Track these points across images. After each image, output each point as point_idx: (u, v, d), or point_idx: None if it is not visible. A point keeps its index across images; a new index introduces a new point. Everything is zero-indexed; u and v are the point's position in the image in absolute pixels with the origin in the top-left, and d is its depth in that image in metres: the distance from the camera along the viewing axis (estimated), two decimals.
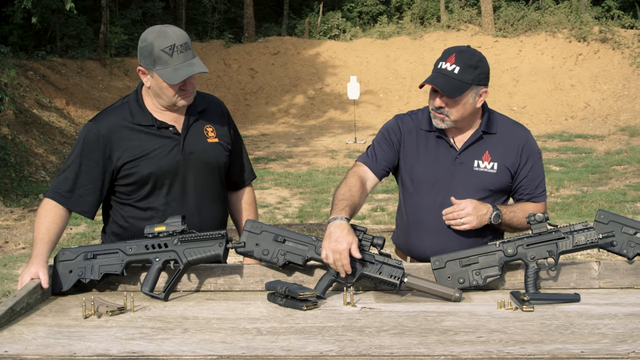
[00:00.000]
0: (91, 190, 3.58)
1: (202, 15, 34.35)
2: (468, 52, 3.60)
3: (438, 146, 3.70)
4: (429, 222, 3.69)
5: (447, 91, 3.52)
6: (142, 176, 3.59)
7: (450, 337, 2.72)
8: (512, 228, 3.67)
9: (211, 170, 3.72)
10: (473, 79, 3.54)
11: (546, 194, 3.78)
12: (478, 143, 3.67)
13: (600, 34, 27.57)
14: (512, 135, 3.71)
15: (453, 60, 3.55)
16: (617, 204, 12.50)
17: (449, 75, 3.54)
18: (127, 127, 3.60)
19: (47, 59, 24.79)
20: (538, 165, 3.72)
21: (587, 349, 2.56)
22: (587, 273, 3.40)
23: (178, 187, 3.63)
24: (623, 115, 23.64)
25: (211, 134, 3.72)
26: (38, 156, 16.33)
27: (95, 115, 3.73)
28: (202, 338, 2.75)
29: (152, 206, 3.63)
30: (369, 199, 13.59)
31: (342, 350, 2.59)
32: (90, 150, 3.58)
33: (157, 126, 3.61)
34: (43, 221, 3.48)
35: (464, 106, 3.58)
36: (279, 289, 3.16)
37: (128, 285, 3.45)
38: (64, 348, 2.65)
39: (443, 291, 3.22)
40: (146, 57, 3.49)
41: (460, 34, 29.79)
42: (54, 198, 3.55)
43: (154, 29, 3.54)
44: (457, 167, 3.65)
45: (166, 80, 3.47)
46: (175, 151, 3.61)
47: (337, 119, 26.19)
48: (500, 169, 3.65)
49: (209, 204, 3.72)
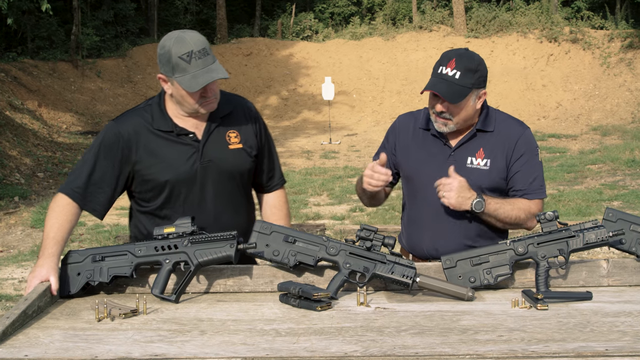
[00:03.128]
0: (104, 189, 3.53)
1: (174, 16, 34.21)
2: (467, 55, 3.61)
3: (433, 144, 3.73)
4: (425, 218, 3.73)
5: (450, 97, 3.53)
6: (158, 183, 3.55)
7: (471, 336, 2.72)
8: (499, 220, 3.64)
9: (231, 178, 3.66)
10: (474, 82, 3.56)
11: (545, 192, 3.75)
12: (472, 140, 3.69)
13: (571, 34, 27.80)
14: (509, 131, 3.71)
15: (453, 65, 3.55)
16: (594, 203, 12.61)
17: (449, 80, 3.54)
18: (147, 131, 3.55)
19: (18, 61, 24.56)
20: (534, 162, 3.70)
21: (611, 346, 2.57)
22: (596, 271, 3.42)
23: (196, 196, 3.58)
24: (594, 114, 23.87)
25: (234, 139, 3.65)
26: (12, 159, 16.15)
27: (118, 116, 3.68)
28: (222, 340, 2.72)
29: (170, 214, 3.59)
30: (347, 199, 13.65)
31: (367, 350, 2.58)
32: (108, 150, 3.53)
33: (176, 132, 3.55)
34: (56, 217, 3.43)
35: (465, 110, 3.59)
36: (292, 289, 3.15)
37: (136, 287, 3.42)
38: (84, 351, 2.62)
39: (456, 290, 3.22)
40: (165, 64, 3.43)
41: (432, 35, 29.89)
42: (67, 193, 3.49)
43: (172, 35, 3.47)
44: (450, 164, 3.63)
45: (186, 88, 3.40)
46: (193, 159, 3.56)
47: (311, 120, 26.18)
48: (493, 166, 3.66)
49: (228, 212, 3.65)
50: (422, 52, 28.74)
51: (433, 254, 3.72)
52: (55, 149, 18.72)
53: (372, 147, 20.59)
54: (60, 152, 18.52)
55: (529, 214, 3.66)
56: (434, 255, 3.72)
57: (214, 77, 3.42)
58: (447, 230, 3.67)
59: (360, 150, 20.30)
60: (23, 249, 10.39)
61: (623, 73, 25.79)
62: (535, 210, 3.67)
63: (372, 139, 22.05)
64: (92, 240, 10.56)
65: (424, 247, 3.77)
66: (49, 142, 19.22)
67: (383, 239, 3.31)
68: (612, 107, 24.17)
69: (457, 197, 3.52)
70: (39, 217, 11.89)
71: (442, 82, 3.55)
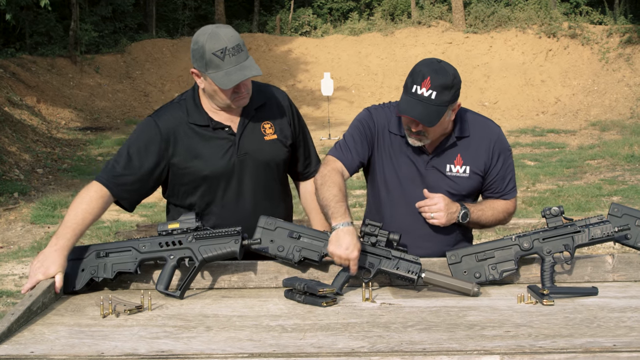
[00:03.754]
0: (139, 182, 3.51)
1: (173, 12, 34.14)
2: (442, 71, 3.40)
3: (409, 149, 3.60)
4: (404, 225, 3.56)
5: (427, 121, 3.38)
6: (196, 177, 3.54)
7: (478, 332, 2.72)
8: (480, 226, 3.68)
9: (269, 170, 3.65)
10: (449, 99, 3.40)
11: (516, 189, 3.76)
12: (450, 146, 3.61)
13: (570, 29, 27.76)
14: (484, 135, 3.64)
15: (429, 85, 3.35)
16: (594, 198, 12.60)
17: (425, 101, 3.37)
18: (184, 126, 3.54)
19: (16, 57, 24.48)
20: (508, 163, 3.69)
21: (619, 342, 2.57)
22: (601, 266, 3.42)
23: (234, 189, 3.58)
24: (593, 110, 23.84)
25: (269, 130, 3.64)
26: (11, 154, 16.12)
27: (155, 111, 3.66)
28: (228, 336, 2.72)
29: (210, 209, 3.58)
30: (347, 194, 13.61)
31: (374, 346, 2.57)
32: (145, 144, 3.52)
33: (212, 127, 3.55)
34: (84, 209, 3.37)
35: (441, 126, 3.48)
36: (297, 285, 3.14)
37: (140, 283, 3.41)
38: (90, 348, 2.61)
39: (461, 286, 3.21)
40: (198, 60, 3.42)
41: (431, 30, 29.85)
42: (102, 182, 3.46)
43: (206, 29, 3.45)
44: (428, 171, 3.60)
45: (219, 85, 3.39)
46: (230, 152, 3.56)
47: (310, 116, 26.13)
48: (472, 172, 3.61)
49: (267, 204, 3.63)
50: (420, 47, 28.69)
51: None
52: (55, 144, 18.70)
53: None
54: (60, 148, 18.49)
55: (508, 213, 3.73)
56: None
57: (247, 75, 3.40)
58: (426, 233, 3.59)
59: None
60: (23, 245, 10.38)
61: (622, 68, 25.76)
62: (512, 209, 3.74)
63: None
64: (92, 236, 10.54)
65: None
66: (48, 138, 19.19)
67: (388, 234, 3.31)
68: (611, 102, 24.15)
69: (446, 215, 3.51)
70: (39, 213, 11.88)
71: (417, 104, 3.38)
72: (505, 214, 3.72)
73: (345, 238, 3.21)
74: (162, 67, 27.71)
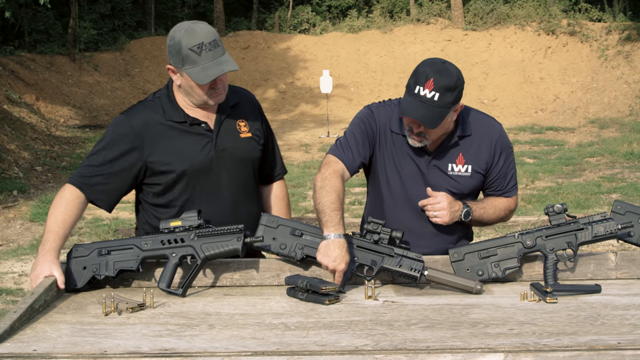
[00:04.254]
0: (113, 182, 3.50)
1: (172, 9, 34.14)
2: (445, 72, 3.37)
3: (411, 148, 3.58)
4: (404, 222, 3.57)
5: (429, 123, 3.36)
6: (176, 174, 3.52)
7: (481, 329, 2.71)
8: (482, 224, 3.71)
9: (245, 166, 3.66)
10: (452, 101, 3.38)
11: (517, 187, 3.78)
12: (452, 146, 3.60)
13: (569, 27, 27.75)
14: (485, 133, 3.63)
15: (432, 87, 3.33)
16: (593, 196, 12.60)
17: (428, 103, 3.35)
18: (159, 123, 3.53)
19: (15, 54, 24.47)
20: (510, 160, 3.69)
21: (623, 340, 2.56)
22: (604, 264, 3.41)
23: (212, 185, 3.57)
24: (592, 107, 23.85)
25: (244, 128, 3.66)
26: (10, 152, 16.11)
27: (127, 109, 3.65)
28: (231, 334, 2.71)
29: (187, 205, 3.56)
30: (346, 192, 13.62)
31: (378, 344, 2.56)
32: (118, 143, 3.50)
33: (189, 122, 3.54)
34: (61, 211, 3.38)
35: (442, 127, 3.46)
36: (299, 283, 3.13)
37: (142, 281, 3.40)
38: (93, 346, 2.60)
39: (464, 284, 3.20)
40: (175, 55, 3.42)
41: (430, 28, 29.83)
42: (74, 184, 3.46)
43: (182, 25, 3.45)
44: (430, 170, 3.59)
45: (196, 80, 3.39)
46: (208, 148, 3.55)
47: (309, 113, 26.13)
48: (474, 171, 3.61)
49: (244, 200, 3.65)
50: (419, 45, 28.68)
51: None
52: (54, 142, 18.68)
53: None
54: (59, 145, 18.47)
55: (509, 211, 3.75)
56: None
57: (224, 70, 3.40)
58: (427, 231, 3.61)
59: None
60: (22, 242, 10.37)
61: (621, 66, 25.76)
62: (513, 206, 3.76)
63: None
64: (91, 233, 10.53)
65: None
66: (47, 135, 19.17)
67: (390, 232, 3.30)
68: (610, 99, 24.15)
69: (449, 213, 3.52)
70: (38, 210, 11.87)
71: (420, 105, 3.36)
72: (506, 211, 3.73)
73: (335, 250, 3.19)
74: (161, 64, 27.67)
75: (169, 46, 3.44)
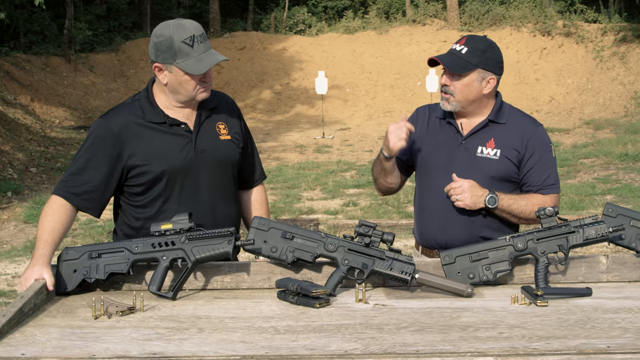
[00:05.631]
0: (98, 187, 3.50)
1: (167, 10, 34.10)
2: (480, 38, 3.72)
3: (446, 131, 3.79)
4: (433, 205, 3.77)
5: (450, 66, 3.63)
6: (155, 174, 3.52)
7: (471, 333, 2.70)
8: (513, 216, 3.68)
9: (224, 168, 3.66)
10: (479, 61, 3.63)
11: (559, 187, 3.79)
12: (484, 130, 3.73)
13: (564, 28, 27.78)
14: (520, 126, 3.74)
15: (463, 43, 3.68)
16: (587, 197, 12.62)
17: (455, 54, 3.66)
18: (138, 125, 3.53)
19: (10, 55, 24.44)
20: (547, 158, 3.73)
21: (613, 343, 2.55)
22: (596, 267, 3.41)
23: (191, 186, 3.57)
24: (587, 108, 23.88)
25: (223, 131, 3.67)
26: (5, 154, 16.09)
27: (106, 112, 3.66)
28: (221, 338, 2.70)
29: (165, 206, 3.57)
30: (340, 194, 13.63)
31: (367, 348, 2.56)
32: (99, 147, 3.50)
33: (169, 123, 3.55)
34: (49, 220, 3.40)
35: (468, 87, 3.65)
36: (290, 286, 3.13)
37: (132, 284, 3.39)
38: (82, 350, 2.59)
39: (455, 287, 3.20)
40: (165, 51, 3.42)
41: (425, 29, 29.85)
42: (60, 194, 3.47)
43: (167, 23, 3.48)
44: (461, 152, 3.72)
45: (191, 72, 3.41)
46: (187, 149, 3.56)
47: (305, 114, 26.12)
48: (502, 156, 3.68)
49: (222, 202, 3.65)
50: (415, 46, 28.69)
51: (441, 243, 3.75)
52: (48, 143, 18.66)
53: (365, 142, 20.56)
54: (53, 147, 18.45)
55: None
56: (442, 245, 3.74)
57: (218, 59, 3.46)
58: (456, 218, 3.69)
59: (353, 144, 20.26)
60: (16, 244, 10.36)
61: (616, 67, 25.80)
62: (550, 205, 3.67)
63: (365, 133, 22.02)
64: (85, 235, 10.53)
65: (433, 235, 3.80)
66: (42, 137, 19.15)
67: (382, 234, 3.29)
68: (605, 100, 24.18)
69: (471, 196, 3.58)
70: (32, 212, 11.86)
71: (449, 55, 3.68)
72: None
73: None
74: None
75: (157, 43, 3.45)
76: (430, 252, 3.86)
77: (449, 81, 3.68)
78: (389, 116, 24.09)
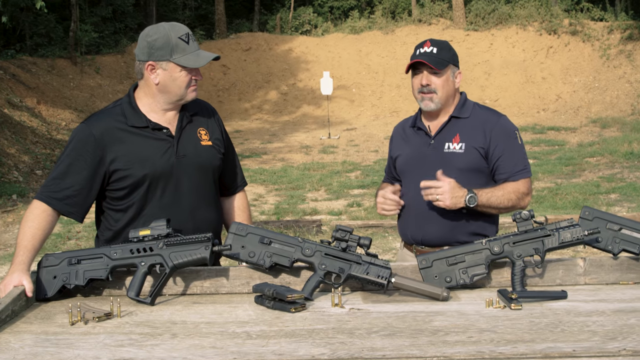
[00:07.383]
0: (80, 192, 3.53)
1: (173, 12, 34.19)
2: (438, 39, 3.98)
3: (418, 136, 4.01)
4: (412, 205, 3.93)
5: (434, 63, 3.83)
6: (137, 179, 3.55)
7: (441, 337, 2.71)
8: (493, 208, 3.81)
9: (205, 174, 3.70)
10: (449, 58, 3.90)
11: (529, 171, 3.92)
12: (449, 127, 3.92)
13: (571, 26, 27.74)
14: (482, 118, 3.93)
15: (429, 45, 3.89)
16: (591, 196, 12.60)
17: (429, 54, 3.86)
18: (120, 130, 3.57)
19: (16, 58, 24.53)
20: (513, 145, 3.88)
21: (579, 347, 2.56)
22: (573, 270, 3.42)
23: (172, 191, 3.61)
24: (594, 107, 23.83)
25: (204, 137, 3.71)
26: (10, 156, 16.16)
27: (88, 117, 3.69)
28: (192, 343, 2.72)
29: (146, 210, 3.60)
30: (345, 194, 13.65)
31: (334, 353, 2.57)
32: (81, 152, 3.54)
33: (151, 127, 3.59)
34: (29, 226, 3.44)
35: (447, 82, 3.88)
36: (266, 291, 3.14)
37: (113, 290, 3.42)
38: (53, 356, 2.61)
39: (431, 291, 3.21)
40: (161, 48, 3.50)
41: (431, 28, 29.84)
42: (42, 199, 3.50)
43: (160, 24, 3.61)
44: (430, 151, 3.91)
45: (190, 65, 3.50)
46: (169, 153, 3.59)
47: (311, 115, 26.16)
48: (468, 148, 3.85)
49: (203, 207, 3.69)
50: None
51: (418, 239, 3.93)
52: (54, 146, 18.73)
53: (371, 142, 20.58)
54: (59, 149, 18.51)
55: (520, 193, 3.85)
56: (419, 240, 3.93)
57: (213, 55, 3.60)
58: (432, 216, 3.84)
59: (359, 144, 20.28)
60: None
61: (623, 65, 25.74)
62: (524, 190, 3.87)
63: (372, 134, 22.04)
64: (88, 237, 10.58)
65: (411, 232, 3.97)
66: (48, 139, 19.23)
67: (358, 239, 3.31)
68: (612, 99, 24.13)
69: (451, 198, 3.69)
70: None
71: (423, 56, 3.87)
72: (517, 194, 3.84)
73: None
74: None
75: (150, 42, 3.53)
76: (410, 247, 4.03)
77: (430, 80, 3.86)
78: (396, 116, 24.09)
